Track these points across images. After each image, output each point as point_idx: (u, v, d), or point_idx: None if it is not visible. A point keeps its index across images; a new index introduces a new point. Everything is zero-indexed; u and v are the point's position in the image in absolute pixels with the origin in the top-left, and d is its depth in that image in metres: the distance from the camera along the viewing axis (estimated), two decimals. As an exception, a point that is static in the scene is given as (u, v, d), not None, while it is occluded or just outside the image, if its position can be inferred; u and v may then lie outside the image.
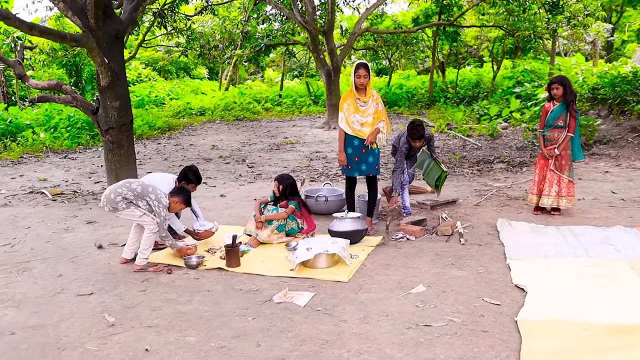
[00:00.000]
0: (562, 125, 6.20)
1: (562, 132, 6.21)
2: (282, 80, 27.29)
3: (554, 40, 22.44)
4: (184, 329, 3.79)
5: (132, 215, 5.01)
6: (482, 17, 20.62)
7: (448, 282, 4.47)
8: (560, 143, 6.21)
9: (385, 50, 23.60)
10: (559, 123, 6.21)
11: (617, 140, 10.34)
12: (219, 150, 13.09)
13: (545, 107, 6.35)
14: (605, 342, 3.36)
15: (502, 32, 20.34)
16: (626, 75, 12.86)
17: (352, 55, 25.09)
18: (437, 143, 12.39)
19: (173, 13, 16.59)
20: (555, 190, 6.28)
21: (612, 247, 5.14)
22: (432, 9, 20.58)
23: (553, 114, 6.22)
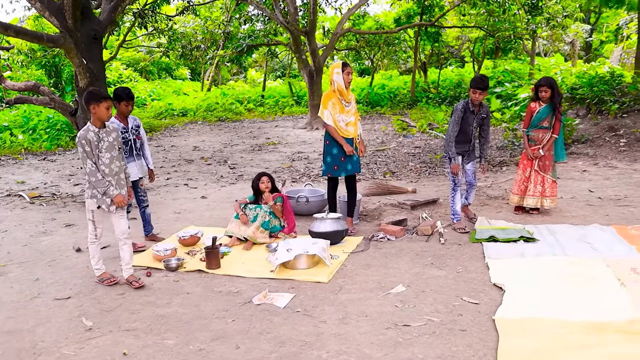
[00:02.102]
0: (547, 127, 6.23)
1: (546, 133, 6.25)
2: (264, 81, 27.25)
3: (534, 41, 22.72)
4: (163, 332, 3.76)
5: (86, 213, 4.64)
6: (463, 17, 20.80)
7: (427, 281, 4.50)
8: (545, 144, 6.25)
9: (368, 51, 23.68)
10: (544, 124, 6.24)
11: (595, 140, 10.49)
12: (201, 152, 13.03)
13: (531, 107, 6.35)
14: (581, 340, 3.41)
15: (483, 33, 20.54)
16: (604, 75, 13.06)
17: (335, 56, 25.11)
18: (417, 143, 12.47)
19: (154, 13, 16.47)
20: (540, 191, 6.33)
21: (589, 245, 5.21)
22: (413, 10, 20.69)
23: (539, 114, 6.24)
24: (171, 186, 9.15)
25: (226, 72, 35.19)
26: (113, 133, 4.54)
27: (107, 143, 4.47)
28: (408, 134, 14.08)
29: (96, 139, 4.42)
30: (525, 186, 6.41)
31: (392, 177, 9.23)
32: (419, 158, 10.76)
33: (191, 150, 13.24)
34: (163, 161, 11.81)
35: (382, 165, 10.26)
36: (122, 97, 5.44)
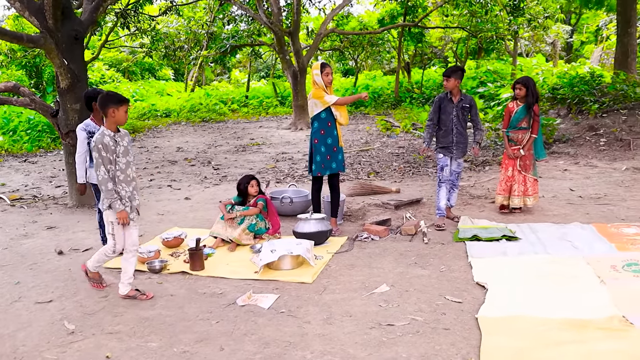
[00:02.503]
0: (526, 127, 6.29)
1: (525, 133, 6.30)
2: (248, 81, 27.18)
3: (516, 42, 22.95)
4: (146, 335, 3.74)
5: (107, 225, 4.37)
6: (446, 18, 20.94)
7: (411, 281, 4.52)
8: (525, 144, 6.30)
9: (352, 51, 23.74)
10: (522, 125, 6.29)
11: (576, 139, 10.62)
12: (184, 152, 12.97)
13: (509, 108, 6.41)
14: (561, 337, 3.45)
15: (466, 33, 20.69)
16: (584, 75, 13.25)
17: (319, 56, 25.13)
18: (401, 143, 12.53)
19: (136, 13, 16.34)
20: (522, 190, 6.39)
21: (570, 243, 5.28)
22: (397, 10, 20.78)
23: (517, 115, 6.28)
24: (154, 187, 9.10)
25: (210, 73, 35.04)
26: (126, 137, 4.33)
27: (123, 147, 4.26)
28: (392, 134, 14.15)
29: (113, 143, 4.18)
30: (510, 186, 6.44)
31: (376, 177, 9.27)
32: (402, 158, 10.81)
33: (175, 151, 13.17)
34: (146, 162, 11.73)
35: (366, 166, 10.30)
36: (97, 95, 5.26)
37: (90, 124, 5.28)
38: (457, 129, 6.08)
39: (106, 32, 19.68)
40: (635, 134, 10.19)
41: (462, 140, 6.12)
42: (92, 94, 5.24)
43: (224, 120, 20.00)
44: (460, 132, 6.10)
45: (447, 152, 6.14)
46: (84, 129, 5.24)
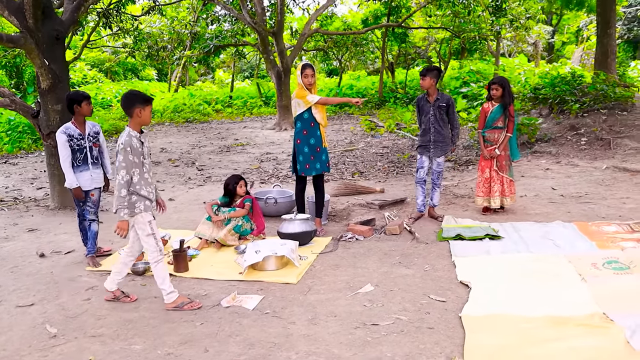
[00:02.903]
0: (502, 127, 6.32)
1: (501, 132, 6.33)
2: (232, 82, 27.09)
3: (498, 42, 23.14)
4: (130, 337, 3.71)
5: (141, 230, 4.13)
6: (430, 18, 21.05)
7: (395, 280, 4.55)
8: (501, 143, 6.32)
9: (336, 51, 23.76)
10: (498, 124, 6.33)
11: (557, 139, 10.74)
12: (168, 153, 12.89)
13: (484, 108, 6.44)
14: (544, 334, 3.50)
15: (449, 34, 20.81)
16: (565, 75, 13.38)
17: (303, 56, 25.12)
18: (385, 143, 12.58)
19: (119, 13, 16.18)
20: (500, 190, 6.43)
21: (552, 242, 5.35)
22: (380, 11, 20.84)
23: (492, 114, 6.32)
24: (138, 189, 9.02)
25: (193, 73, 34.86)
26: (147, 137, 4.19)
27: (147, 149, 4.14)
28: (376, 134, 14.19)
29: (139, 145, 4.02)
30: (489, 187, 6.47)
31: (360, 177, 9.29)
32: (387, 158, 10.85)
33: (158, 152, 13.08)
34: (129, 163, 11.63)
35: (351, 166, 10.32)
36: (80, 98, 5.13)
37: (70, 127, 5.15)
38: (435, 128, 6.13)
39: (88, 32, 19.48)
40: (615, 133, 10.33)
41: (440, 140, 6.17)
42: (75, 97, 5.14)
43: (208, 120, 19.91)
44: (438, 131, 6.15)
45: (425, 151, 6.22)
46: (64, 132, 5.10)
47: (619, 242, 5.22)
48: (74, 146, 5.13)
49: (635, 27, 26.82)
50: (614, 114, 11.04)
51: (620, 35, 26.24)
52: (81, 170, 5.18)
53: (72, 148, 5.10)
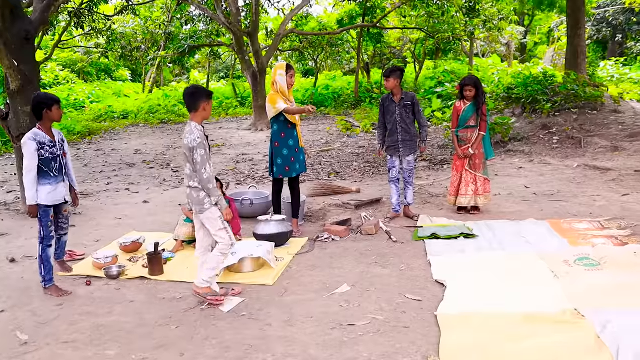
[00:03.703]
0: (474, 125, 6.36)
1: (474, 131, 6.37)
2: (207, 82, 26.92)
3: (472, 42, 23.42)
4: (104, 343, 3.66)
5: (212, 224, 4.17)
6: (404, 19, 21.18)
7: (372, 280, 4.56)
8: (474, 142, 6.37)
9: (311, 52, 23.77)
10: (470, 123, 6.37)
11: (530, 138, 10.91)
12: (143, 155, 12.74)
13: (457, 107, 6.46)
14: (517, 331, 3.55)
15: (423, 34, 20.97)
16: (537, 75, 13.58)
17: (279, 57, 25.06)
18: (361, 143, 12.62)
19: (91, 13, 15.94)
20: (472, 189, 6.45)
21: (525, 239, 5.43)
22: (356, 11, 20.90)
23: (464, 113, 6.36)
24: (112, 191, 8.91)
25: (168, 74, 34.53)
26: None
27: (209, 143, 4.16)
28: (352, 134, 14.23)
29: (205, 139, 4.09)
30: (459, 185, 6.52)
31: (336, 177, 9.31)
32: (362, 158, 10.89)
33: (132, 154, 12.92)
34: (103, 165, 11.47)
35: (327, 166, 10.33)
36: (50, 102, 4.57)
37: (39, 133, 4.53)
38: (402, 127, 6.18)
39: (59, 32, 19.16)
40: (586, 132, 10.54)
41: (407, 138, 6.23)
42: (45, 101, 4.56)
43: (183, 121, 19.71)
44: (406, 130, 6.20)
45: (395, 152, 6.28)
46: (33, 139, 4.46)
47: (590, 239, 5.33)
48: (47, 155, 4.52)
49: (604, 28, 27.38)
50: (584, 113, 11.26)
51: (590, 36, 26.76)
52: (58, 182, 4.62)
53: (44, 157, 4.49)
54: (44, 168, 4.51)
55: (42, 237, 4.55)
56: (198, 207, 4.09)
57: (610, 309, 3.72)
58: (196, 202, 4.08)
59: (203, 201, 4.06)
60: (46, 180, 4.53)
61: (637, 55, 27.20)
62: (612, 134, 10.33)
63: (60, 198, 4.68)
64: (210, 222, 4.13)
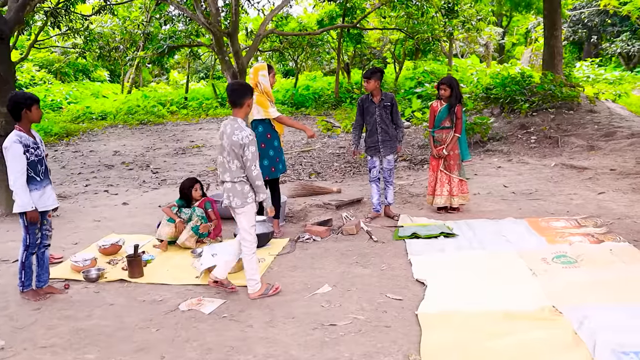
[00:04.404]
0: (449, 126, 6.38)
1: (449, 132, 6.40)
2: (187, 83, 26.69)
3: (451, 43, 23.62)
4: (83, 347, 3.62)
5: (247, 220, 4.24)
6: (384, 20, 21.27)
7: (353, 280, 4.58)
8: (448, 143, 6.39)
9: (291, 52, 23.74)
10: (445, 124, 6.39)
11: (508, 137, 11.04)
12: (122, 156, 12.61)
13: (433, 107, 6.49)
14: (497, 329, 3.59)
15: (403, 35, 21.09)
16: (515, 76, 13.74)
17: (259, 57, 24.99)
18: (342, 144, 12.65)
19: (68, 12, 15.72)
20: (447, 190, 6.47)
21: (504, 238, 5.49)
22: (336, 12, 20.94)
23: (440, 114, 6.38)
24: (90, 193, 8.80)
25: (147, 74, 34.22)
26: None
27: None
28: (333, 134, 14.25)
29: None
30: (435, 186, 6.56)
31: (317, 177, 9.32)
32: (343, 158, 10.91)
33: (111, 155, 12.77)
34: (81, 167, 11.33)
35: (307, 166, 10.33)
36: (29, 102, 4.31)
37: (23, 135, 4.28)
38: (382, 128, 6.22)
39: (35, 32, 18.88)
40: (563, 131, 10.70)
41: (387, 139, 6.27)
42: (23, 100, 4.30)
43: (162, 122, 19.56)
44: (385, 130, 6.24)
45: (375, 152, 6.31)
46: (19, 141, 4.21)
47: (567, 236, 5.41)
48: (32, 157, 4.27)
49: (579, 30, 27.82)
50: (561, 113, 11.43)
51: (566, 37, 27.17)
52: (44, 186, 4.40)
53: (30, 160, 4.24)
54: (29, 172, 4.27)
55: (28, 244, 4.38)
56: (240, 201, 4.17)
57: (587, 305, 3.78)
58: (239, 196, 4.17)
59: (247, 195, 4.18)
60: (33, 185, 4.30)
61: (612, 56, 27.72)
62: (588, 133, 10.50)
63: (51, 203, 4.48)
64: (247, 217, 4.22)
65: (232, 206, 4.23)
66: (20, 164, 4.20)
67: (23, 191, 4.21)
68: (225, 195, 4.26)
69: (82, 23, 17.97)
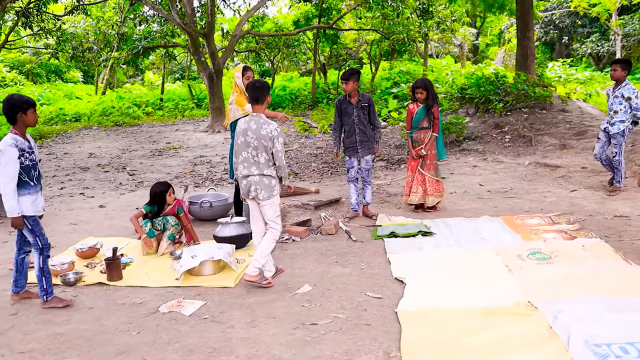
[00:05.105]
0: (427, 127, 6.47)
1: (427, 132, 6.48)
2: (163, 84, 26.46)
3: (426, 43, 23.86)
4: (62, 351, 3.59)
5: (273, 210, 4.54)
6: (360, 20, 21.41)
7: (332, 280, 4.62)
8: (427, 143, 6.47)
9: (268, 53, 23.72)
10: (423, 124, 6.48)
11: (483, 137, 11.21)
12: (97, 158, 12.45)
13: (410, 109, 6.58)
14: (474, 325, 3.66)
15: (379, 35, 21.25)
16: (489, 76, 13.94)
17: (235, 58, 24.92)
18: (319, 144, 12.69)
19: (40, 12, 15.50)
20: (422, 189, 6.55)
21: (480, 236, 5.60)
22: (312, 12, 20.99)
23: (417, 115, 6.47)
24: (65, 196, 8.69)
25: (122, 75, 33.84)
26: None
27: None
28: (310, 135, 14.29)
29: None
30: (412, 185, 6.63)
31: (295, 178, 9.34)
32: (321, 159, 10.96)
33: (86, 157, 12.61)
34: (56, 170, 11.16)
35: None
36: (25, 106, 4.18)
37: (18, 139, 4.15)
38: (360, 129, 6.28)
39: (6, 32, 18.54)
40: (536, 130, 10.90)
41: (365, 139, 6.33)
42: (19, 104, 4.15)
43: (138, 124, 19.36)
44: (363, 131, 6.30)
45: (353, 153, 6.37)
46: (14, 145, 4.09)
47: (541, 233, 5.54)
48: (27, 162, 4.16)
49: (551, 31, 28.36)
50: (534, 112, 11.64)
51: (539, 38, 27.66)
52: (37, 191, 4.28)
53: (24, 165, 4.13)
54: (23, 177, 4.14)
55: (41, 247, 4.26)
56: (267, 193, 4.44)
57: (561, 300, 3.88)
58: (267, 189, 4.44)
59: (273, 187, 4.46)
60: (26, 189, 4.17)
61: (583, 57, 28.29)
62: (561, 132, 10.72)
63: (41, 209, 4.35)
64: (273, 208, 4.50)
65: (260, 198, 4.46)
66: (14, 169, 4.08)
67: (12, 196, 4.09)
68: (252, 188, 4.45)
69: (55, 23, 17.72)
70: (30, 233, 4.24)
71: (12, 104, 4.16)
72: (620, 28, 23.84)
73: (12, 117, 4.18)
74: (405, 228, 5.87)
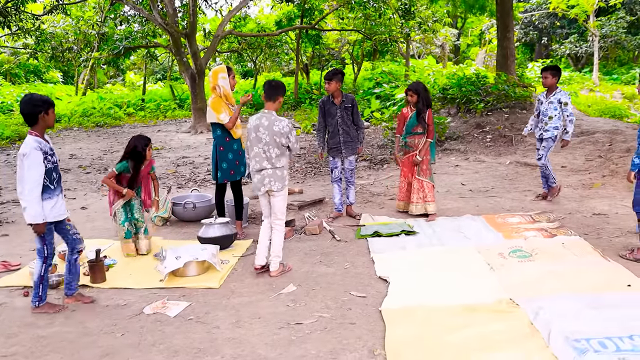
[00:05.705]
0: (422, 132, 6.32)
1: (421, 138, 6.34)
2: (144, 84, 26.27)
3: (408, 44, 24.01)
4: (45, 354, 3.56)
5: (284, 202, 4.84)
6: (342, 21, 21.47)
7: (317, 279, 4.65)
8: (421, 149, 6.33)
9: (250, 53, 23.69)
10: (417, 130, 6.32)
11: (465, 136, 11.32)
12: (78, 160, 12.32)
13: (404, 113, 6.44)
14: (457, 322, 3.72)
15: (361, 36, 21.33)
16: (470, 76, 14.08)
17: (217, 58, 24.83)
18: (303, 144, 12.71)
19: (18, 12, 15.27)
20: (422, 197, 6.40)
21: (463, 234, 5.67)
22: (294, 13, 21.01)
23: (411, 120, 6.33)
24: (46, 198, 8.58)
25: (102, 75, 33.46)
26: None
27: None
28: (293, 135, 14.28)
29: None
30: (409, 193, 6.52)
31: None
32: (304, 159, 10.97)
33: (67, 159, 12.47)
34: (35, 171, 11.01)
35: (270, 168, 10.33)
36: (47, 105, 4.07)
37: (41, 141, 4.02)
38: (343, 129, 6.31)
39: (-17, 32, 18.24)
40: (517, 130, 11.03)
41: (349, 140, 6.35)
42: (41, 104, 4.02)
43: (119, 124, 19.20)
44: (347, 131, 6.32)
45: (337, 153, 6.38)
46: (39, 148, 3.96)
47: (522, 232, 5.63)
48: (49, 165, 4.01)
49: (531, 31, 28.69)
50: (514, 112, 11.78)
51: (519, 39, 27.98)
52: (57, 194, 4.13)
53: (46, 168, 3.99)
54: (45, 181, 3.99)
55: (46, 255, 4.14)
56: (280, 185, 4.72)
57: (542, 296, 3.96)
58: (280, 180, 4.72)
59: (285, 179, 4.76)
60: (46, 194, 4.01)
61: (562, 57, 28.69)
62: (541, 132, 10.87)
63: (63, 212, 4.20)
64: (284, 199, 4.80)
65: (273, 190, 4.71)
66: (39, 173, 3.93)
67: (38, 202, 3.93)
68: (266, 181, 4.70)
69: (33, 23, 17.47)
70: (40, 240, 4.10)
71: (34, 104, 4.00)
72: (598, 29, 24.22)
73: (34, 118, 4.03)
74: (389, 227, 5.92)
